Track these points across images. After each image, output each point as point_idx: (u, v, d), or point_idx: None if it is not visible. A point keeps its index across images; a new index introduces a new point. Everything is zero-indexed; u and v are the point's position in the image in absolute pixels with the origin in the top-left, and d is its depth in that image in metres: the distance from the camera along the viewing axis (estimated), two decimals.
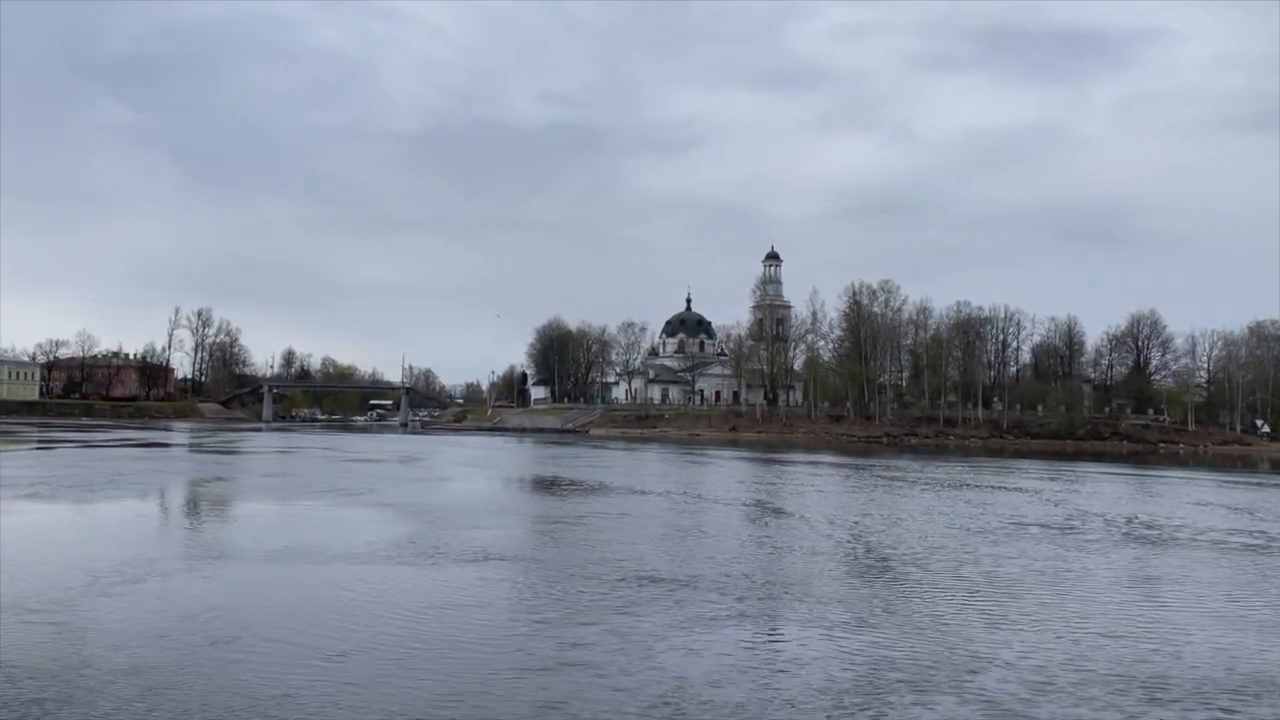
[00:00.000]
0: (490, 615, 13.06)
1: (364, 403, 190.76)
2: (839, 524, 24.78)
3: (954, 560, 18.97)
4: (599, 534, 22.42)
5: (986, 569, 18.02)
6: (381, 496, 30.58)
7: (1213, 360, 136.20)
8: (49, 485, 30.92)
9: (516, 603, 14.00)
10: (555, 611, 13.33)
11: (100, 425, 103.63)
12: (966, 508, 30.40)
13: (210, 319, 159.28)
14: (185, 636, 11.50)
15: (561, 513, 27.03)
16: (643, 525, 24.22)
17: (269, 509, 26.85)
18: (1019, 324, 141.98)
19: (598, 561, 17.74)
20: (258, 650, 10.92)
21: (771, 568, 17.64)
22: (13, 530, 21.16)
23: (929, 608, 14.06)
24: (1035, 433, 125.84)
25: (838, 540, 21.65)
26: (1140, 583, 17.31)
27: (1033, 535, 23.65)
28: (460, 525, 23.22)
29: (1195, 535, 24.73)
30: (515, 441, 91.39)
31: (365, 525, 23.11)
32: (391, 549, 18.87)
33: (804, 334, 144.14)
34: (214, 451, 58.34)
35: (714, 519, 26.05)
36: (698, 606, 13.81)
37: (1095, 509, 31.38)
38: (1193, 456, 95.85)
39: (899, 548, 20.64)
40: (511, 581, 15.64)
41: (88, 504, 26.67)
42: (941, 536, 22.73)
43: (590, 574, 16.35)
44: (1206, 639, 12.57)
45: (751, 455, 69.03)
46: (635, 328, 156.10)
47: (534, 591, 14.79)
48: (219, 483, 35.98)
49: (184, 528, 23.39)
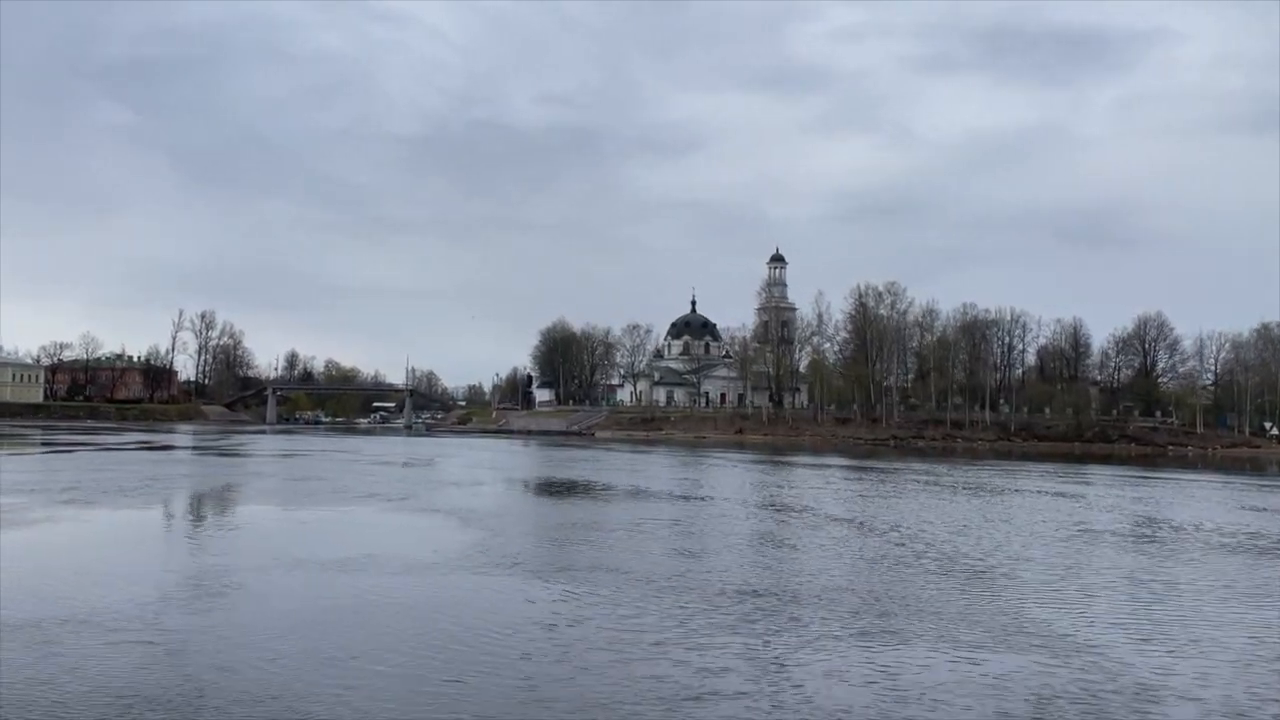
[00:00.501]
0: (601, 635, 12.33)
1: (366, 405, 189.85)
2: (904, 531, 24.10)
3: (1048, 570, 18.31)
4: (664, 542, 21.74)
5: (1087, 580, 17.37)
6: (423, 502, 29.88)
7: (1220, 362, 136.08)
8: (81, 490, 30.16)
9: (620, 620, 13.22)
10: (666, 631, 12.58)
11: (106, 428, 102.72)
12: (1024, 514, 29.75)
13: (214, 321, 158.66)
14: (296, 659, 10.76)
15: (613, 520, 26.28)
16: (703, 533, 23.53)
17: (320, 515, 26.08)
18: (1024, 326, 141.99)
19: (681, 573, 17.04)
20: (373, 672, 10.22)
21: (866, 580, 16.93)
22: (63, 538, 20.46)
23: (1060, 624, 13.36)
24: (1043, 435, 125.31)
25: (915, 550, 20.96)
26: (1265, 597, 16.60)
27: (1113, 543, 23.01)
28: (519, 532, 22.54)
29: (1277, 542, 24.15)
30: (523, 444, 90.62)
31: (424, 532, 22.43)
32: (463, 559, 18.17)
33: (809, 336, 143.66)
34: (229, 455, 57.56)
35: (773, 527, 25.37)
36: (816, 625, 13.11)
37: (1153, 514, 30.76)
38: (1201, 459, 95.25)
39: (983, 557, 19.95)
40: (604, 596, 14.90)
41: (130, 510, 25.94)
42: (1019, 545, 22.07)
43: (680, 587, 15.65)
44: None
45: (765, 459, 68.36)
46: (640, 330, 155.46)
47: (633, 608, 14.05)
48: (253, 487, 35.24)
49: (241, 534, 22.58)
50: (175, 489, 33.02)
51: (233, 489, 34.41)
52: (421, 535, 21.73)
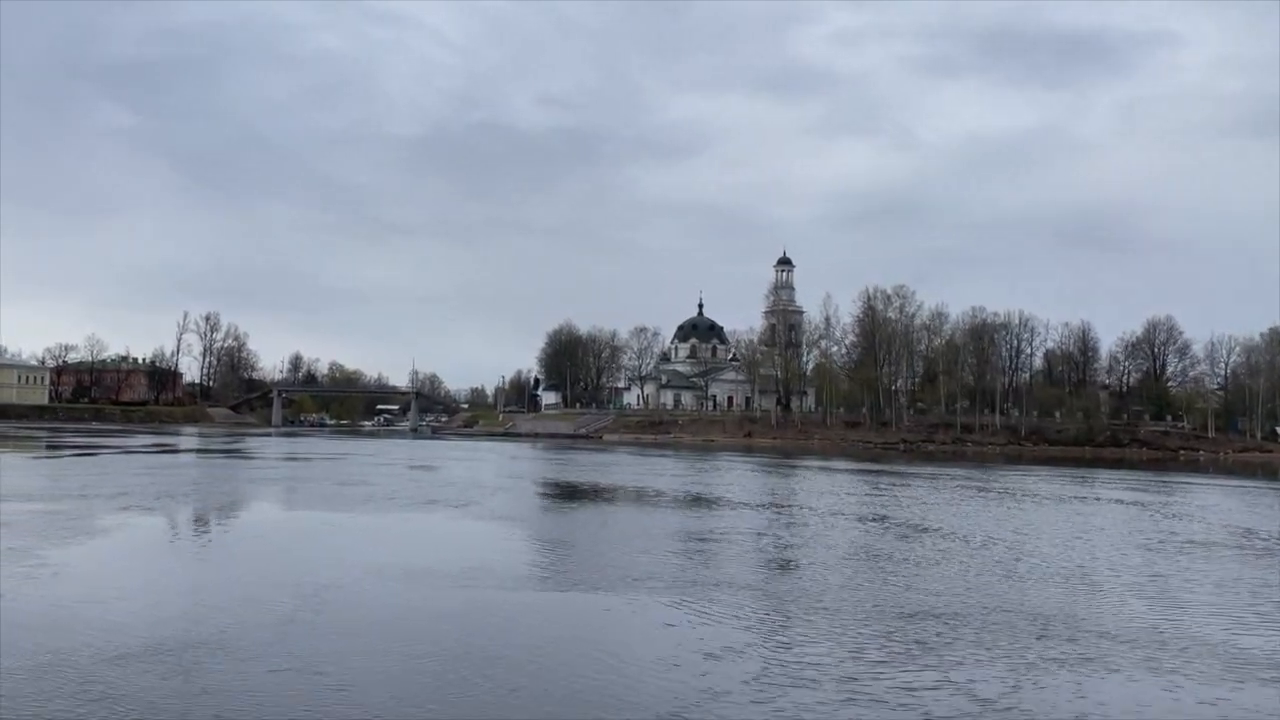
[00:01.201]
0: (779, 668, 11.22)
1: (369, 408, 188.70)
2: (1007, 543, 23.26)
3: (1215, 589, 17.45)
4: (770, 555, 20.84)
5: (1250, 598, 16.49)
6: (487, 509, 28.90)
7: (1230, 366, 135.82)
8: (133, 495, 29.09)
9: (796, 651, 12.06)
10: (847, 661, 11.54)
11: (114, 430, 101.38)
12: (1116, 524, 28.90)
13: (218, 323, 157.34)
14: (466, 696, 9.81)
15: (692, 529, 25.23)
16: (804, 546, 22.59)
17: (388, 522, 25.13)
18: (1033, 330, 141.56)
19: (817, 593, 16.08)
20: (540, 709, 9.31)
21: (1016, 597, 15.95)
22: (142, 548, 19.49)
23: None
24: (1054, 439, 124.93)
25: (1034, 564, 20.04)
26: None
27: (1235, 557, 22.16)
28: (608, 545, 21.59)
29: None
30: (536, 448, 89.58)
31: (507, 542, 21.59)
32: (568, 573, 17.29)
33: (817, 339, 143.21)
34: (254, 458, 56.51)
35: (866, 538, 24.39)
36: (1017, 651, 12.09)
37: (1241, 523, 29.96)
38: (1214, 463, 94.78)
39: (1116, 573, 19.04)
40: (759, 619, 13.92)
41: (193, 517, 24.97)
42: (1140, 559, 21.19)
43: (830, 608, 14.71)
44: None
45: (786, 463, 67.41)
46: (648, 333, 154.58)
47: (802, 634, 13.03)
48: (298, 491, 34.22)
49: (328, 543, 21.47)
50: (224, 494, 31.99)
51: (279, 494, 33.41)
52: (507, 546, 20.80)
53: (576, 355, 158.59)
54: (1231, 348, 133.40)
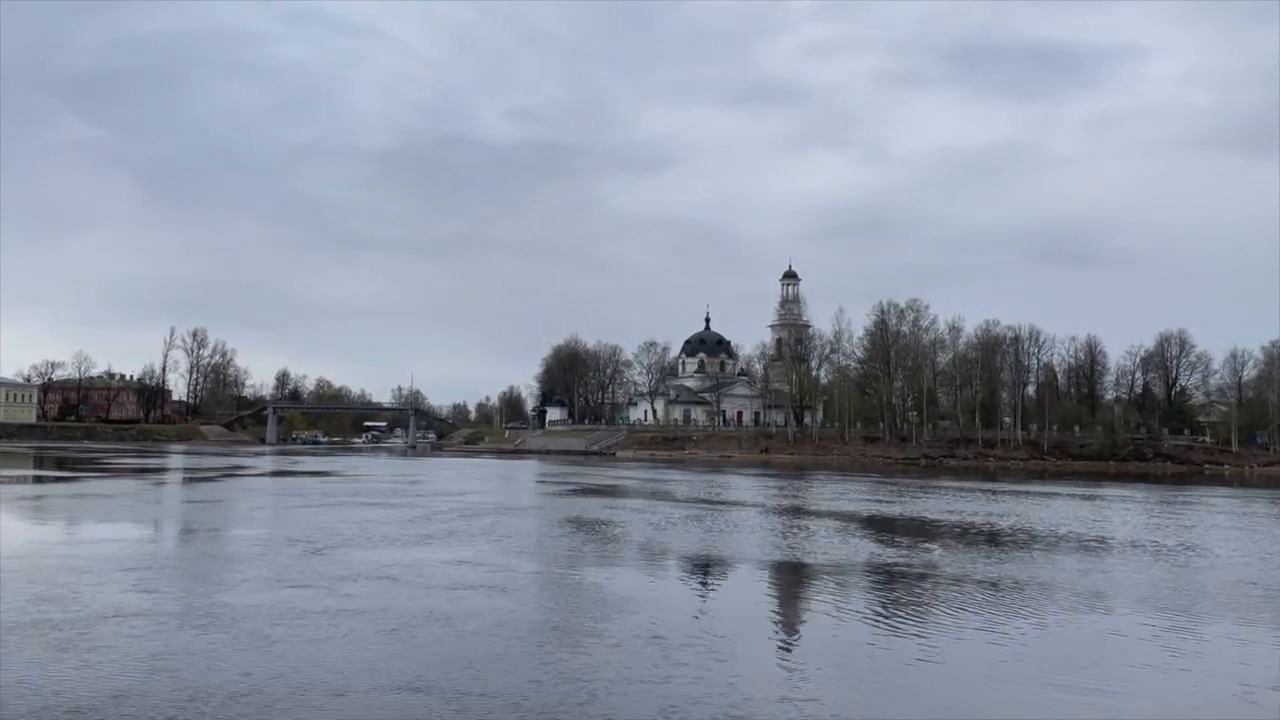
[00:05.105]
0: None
1: (357, 424, 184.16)
2: (1171, 555, 19.71)
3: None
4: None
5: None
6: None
7: (1245, 379, 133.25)
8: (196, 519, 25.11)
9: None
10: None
11: (110, 450, 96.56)
12: (1252, 535, 25.42)
13: (205, 339, 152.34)
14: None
15: (811, 559, 21.50)
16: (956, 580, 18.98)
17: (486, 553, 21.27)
18: (1040, 343, 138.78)
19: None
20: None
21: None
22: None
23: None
24: (1077, 454, 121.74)
25: (1235, 578, 16.50)
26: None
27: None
28: (722, 575, 17.85)
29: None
30: (551, 464, 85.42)
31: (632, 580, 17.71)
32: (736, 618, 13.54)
33: (827, 353, 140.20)
34: (269, 475, 52.47)
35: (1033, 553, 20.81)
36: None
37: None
38: (1239, 478, 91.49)
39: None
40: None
41: (293, 544, 21.03)
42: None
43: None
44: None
45: (814, 479, 63.70)
46: (657, 347, 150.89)
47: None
48: (371, 520, 30.21)
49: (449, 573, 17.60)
50: (312, 520, 27.98)
51: (355, 520, 29.40)
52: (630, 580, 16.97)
53: (579, 371, 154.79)
54: (1244, 360, 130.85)
